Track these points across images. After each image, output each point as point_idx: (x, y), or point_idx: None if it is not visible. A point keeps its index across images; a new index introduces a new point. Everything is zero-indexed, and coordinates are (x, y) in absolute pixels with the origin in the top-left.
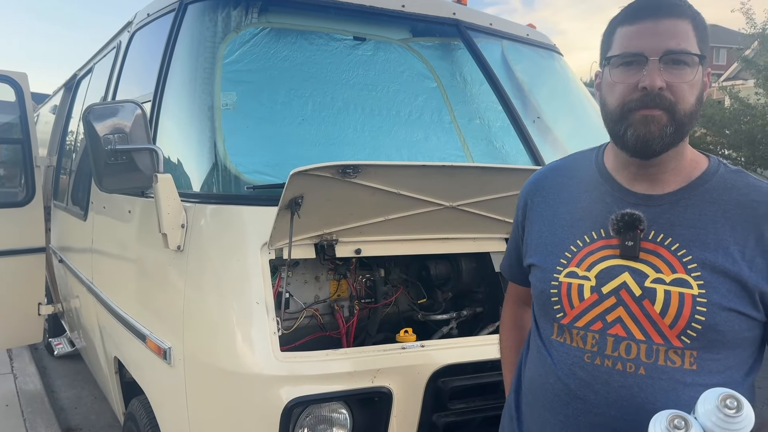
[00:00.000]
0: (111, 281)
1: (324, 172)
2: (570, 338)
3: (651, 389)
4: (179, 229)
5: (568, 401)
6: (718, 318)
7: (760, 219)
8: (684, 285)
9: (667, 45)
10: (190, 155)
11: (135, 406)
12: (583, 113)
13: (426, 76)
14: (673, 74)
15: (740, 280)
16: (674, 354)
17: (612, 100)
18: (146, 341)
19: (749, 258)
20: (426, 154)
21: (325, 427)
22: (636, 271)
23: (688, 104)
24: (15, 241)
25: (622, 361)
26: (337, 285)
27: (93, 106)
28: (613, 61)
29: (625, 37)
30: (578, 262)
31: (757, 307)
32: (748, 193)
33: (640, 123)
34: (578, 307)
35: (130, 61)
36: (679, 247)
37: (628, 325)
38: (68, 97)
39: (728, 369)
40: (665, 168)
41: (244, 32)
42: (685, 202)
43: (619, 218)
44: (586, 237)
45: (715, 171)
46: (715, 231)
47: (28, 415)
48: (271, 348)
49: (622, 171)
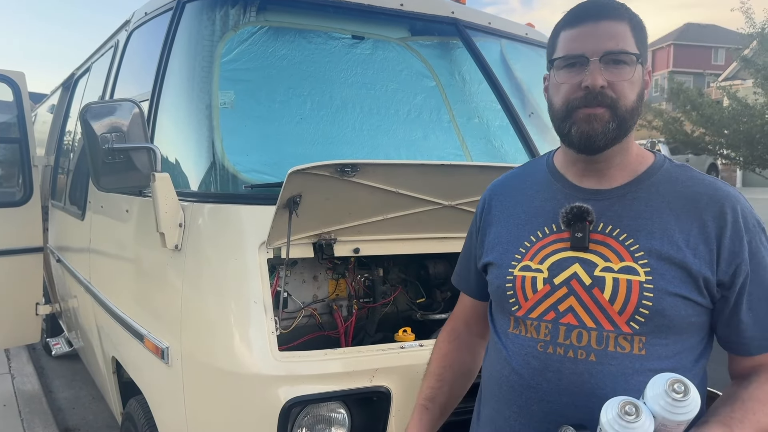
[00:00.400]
0: (109, 281)
1: (322, 170)
2: (525, 329)
3: (601, 375)
4: (177, 228)
5: (521, 391)
6: (664, 303)
7: (702, 209)
8: (632, 272)
9: (607, 46)
10: (188, 154)
11: (133, 407)
12: None
13: (425, 75)
14: (613, 73)
15: (685, 266)
16: (624, 340)
17: (557, 99)
18: (144, 341)
19: (693, 246)
20: (425, 153)
21: (323, 426)
22: (586, 261)
23: (629, 101)
24: (12, 240)
25: (573, 348)
26: (335, 284)
27: (90, 104)
28: (557, 63)
29: (568, 40)
30: (532, 256)
31: (702, 292)
32: (691, 185)
33: (583, 121)
34: (532, 299)
35: (128, 60)
36: (626, 237)
37: (580, 313)
38: (66, 96)
39: (677, 354)
40: (611, 163)
41: (242, 31)
42: (632, 195)
43: (568, 211)
44: (539, 232)
45: (660, 166)
46: (660, 221)
47: (25, 415)
48: (270, 348)
49: (571, 168)
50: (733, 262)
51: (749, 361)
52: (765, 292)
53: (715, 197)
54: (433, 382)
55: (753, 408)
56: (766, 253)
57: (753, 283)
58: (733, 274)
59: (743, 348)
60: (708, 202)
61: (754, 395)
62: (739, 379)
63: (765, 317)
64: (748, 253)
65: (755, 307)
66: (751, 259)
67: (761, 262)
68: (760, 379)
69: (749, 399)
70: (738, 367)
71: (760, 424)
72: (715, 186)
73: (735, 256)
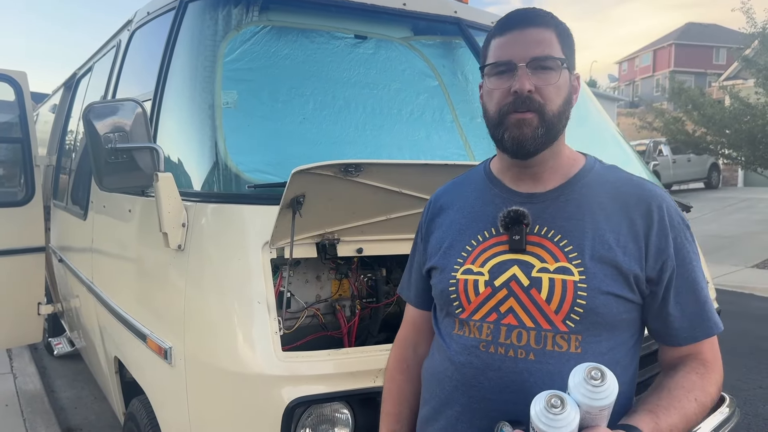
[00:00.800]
0: (111, 281)
1: (326, 170)
2: (468, 330)
3: (540, 373)
4: (180, 228)
5: (464, 390)
6: (597, 301)
7: (631, 208)
8: (566, 272)
9: (533, 52)
10: (191, 154)
11: (135, 406)
12: (584, 111)
13: (427, 75)
14: (540, 78)
15: (616, 265)
16: (561, 339)
17: (491, 106)
18: (147, 341)
19: (623, 244)
20: (428, 152)
21: (327, 427)
22: (524, 263)
23: (556, 105)
24: (15, 240)
25: (513, 348)
26: (338, 284)
27: (93, 104)
28: (488, 71)
29: (497, 48)
30: (473, 260)
31: (632, 289)
32: (620, 186)
33: (514, 126)
34: (475, 302)
35: (130, 60)
36: (560, 238)
37: (519, 314)
38: (68, 96)
39: (611, 350)
40: (544, 167)
41: (244, 30)
42: (565, 197)
43: (506, 215)
44: (479, 236)
45: (591, 168)
46: (592, 221)
47: (27, 415)
48: (273, 348)
49: (507, 173)
50: (660, 258)
51: (677, 351)
52: (690, 285)
53: (642, 197)
54: (394, 425)
55: (678, 396)
56: (690, 248)
57: (679, 278)
58: (660, 270)
59: (672, 339)
60: (636, 201)
61: (679, 383)
62: (667, 369)
63: (691, 310)
64: (674, 249)
65: (681, 300)
66: (677, 254)
67: (686, 258)
68: (686, 368)
69: (675, 387)
70: (667, 357)
71: (684, 410)
72: (643, 186)
73: (661, 252)
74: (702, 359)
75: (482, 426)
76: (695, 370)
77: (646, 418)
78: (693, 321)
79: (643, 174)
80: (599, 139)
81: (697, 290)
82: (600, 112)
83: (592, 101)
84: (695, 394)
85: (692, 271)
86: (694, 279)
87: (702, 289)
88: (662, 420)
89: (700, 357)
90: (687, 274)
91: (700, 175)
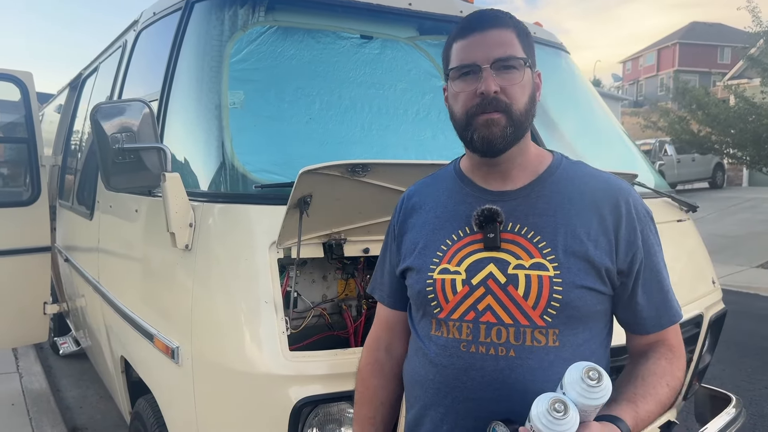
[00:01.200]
0: (118, 281)
1: (333, 170)
2: (447, 331)
3: (521, 369)
4: (187, 228)
5: (447, 392)
6: (572, 295)
7: (600, 203)
8: (541, 268)
9: (496, 53)
10: (198, 154)
11: (142, 406)
12: (590, 111)
13: (433, 75)
14: (504, 78)
15: (588, 258)
16: (539, 334)
17: (457, 108)
18: (154, 341)
19: (594, 238)
20: (434, 152)
21: (333, 426)
22: (499, 260)
23: (522, 104)
24: (20, 240)
25: (494, 346)
26: (344, 284)
27: (101, 104)
28: (452, 74)
29: (460, 51)
30: (449, 259)
31: (604, 282)
32: (588, 181)
33: (483, 126)
34: (452, 301)
35: (136, 61)
36: (534, 234)
37: (497, 311)
38: (73, 96)
39: (586, 342)
40: (512, 164)
41: (251, 31)
42: (536, 194)
43: (480, 214)
44: (453, 236)
45: (558, 164)
46: (563, 217)
47: (33, 414)
48: (280, 347)
49: (477, 172)
50: (630, 251)
51: (645, 339)
52: (655, 275)
53: (609, 191)
54: (369, 429)
55: (652, 383)
56: (654, 240)
57: (646, 269)
58: (630, 262)
59: (640, 327)
60: (603, 196)
61: (651, 370)
62: (637, 356)
63: (656, 299)
64: (641, 241)
65: (648, 290)
66: (644, 246)
67: (651, 249)
68: (655, 355)
69: (648, 374)
70: (636, 345)
71: (659, 396)
72: (609, 181)
73: (631, 245)
74: (669, 345)
75: (468, 426)
76: (664, 356)
77: (627, 407)
78: (659, 309)
79: (649, 174)
80: (605, 138)
81: (661, 280)
82: (605, 111)
83: (597, 100)
84: (666, 379)
85: (657, 262)
86: (658, 270)
87: (665, 279)
88: (641, 408)
89: (667, 343)
90: (652, 265)
91: (704, 174)
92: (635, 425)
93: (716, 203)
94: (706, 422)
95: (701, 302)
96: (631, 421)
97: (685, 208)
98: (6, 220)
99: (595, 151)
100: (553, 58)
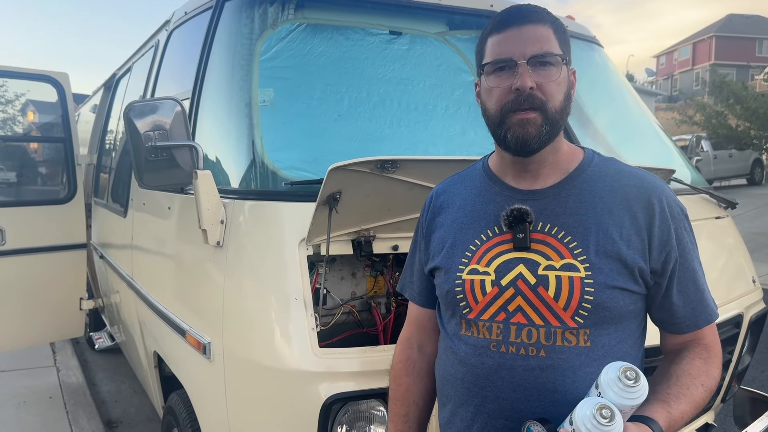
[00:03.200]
0: (151, 277)
1: (362, 167)
2: (477, 331)
3: (551, 369)
4: (218, 225)
5: (477, 391)
6: (604, 296)
7: (632, 201)
8: (572, 269)
9: (533, 49)
10: (229, 152)
11: (174, 401)
12: (625, 106)
13: (463, 70)
14: (540, 75)
15: (620, 258)
16: (570, 334)
17: (491, 104)
18: (186, 336)
19: (626, 237)
20: (464, 148)
21: (363, 424)
22: (529, 261)
23: (557, 101)
24: (57, 237)
25: (524, 346)
26: (373, 281)
27: (134, 103)
28: (487, 69)
29: (495, 45)
30: (478, 259)
31: (637, 281)
32: (619, 178)
33: (517, 125)
34: (482, 302)
35: (168, 60)
36: (564, 234)
37: (528, 312)
38: (108, 96)
39: (619, 343)
40: (544, 163)
41: (280, 28)
42: (566, 193)
43: (509, 214)
44: (482, 236)
45: (590, 161)
46: (594, 216)
47: (70, 407)
48: (310, 344)
49: (507, 171)
50: (664, 250)
51: (680, 338)
52: (691, 275)
53: (642, 188)
54: (402, 426)
55: (686, 383)
56: (688, 238)
57: (681, 268)
58: (664, 262)
59: (675, 327)
60: (636, 193)
61: (686, 370)
62: (671, 355)
63: (692, 298)
64: (676, 240)
65: (683, 289)
66: (678, 245)
67: (686, 248)
68: (690, 354)
69: (682, 374)
70: (670, 344)
71: (693, 397)
72: (642, 177)
73: (665, 244)
74: (704, 344)
75: (498, 426)
76: (699, 356)
77: (659, 408)
78: (695, 309)
79: (686, 170)
80: (641, 133)
81: (696, 279)
82: (641, 105)
83: (632, 95)
84: (701, 380)
85: (692, 260)
86: (693, 269)
87: (700, 278)
88: (674, 408)
89: (703, 342)
90: (688, 264)
91: (742, 171)
92: (668, 426)
93: (755, 200)
94: (746, 425)
95: (741, 301)
96: (664, 422)
97: (724, 204)
98: (43, 218)
99: (631, 147)
100: (587, 52)
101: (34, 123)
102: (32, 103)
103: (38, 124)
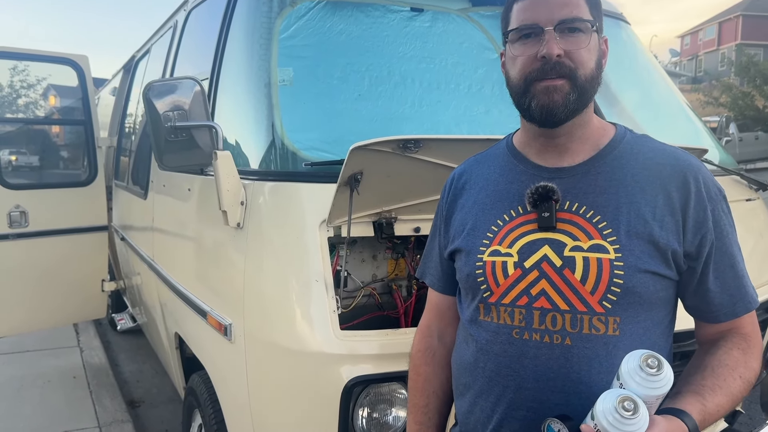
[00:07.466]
0: (172, 258)
1: (384, 146)
2: (497, 316)
3: (577, 359)
4: (238, 206)
5: (498, 380)
6: (635, 280)
7: (666, 180)
8: (601, 250)
9: (561, 14)
10: (248, 132)
11: (195, 381)
12: (653, 84)
13: (486, 47)
14: (569, 41)
15: (653, 240)
16: (598, 321)
17: (515, 73)
18: (207, 318)
19: (659, 218)
20: (487, 128)
21: (384, 407)
22: (555, 242)
23: (588, 69)
24: (79, 219)
25: (549, 333)
26: (394, 264)
27: (153, 83)
28: (512, 36)
29: (521, 11)
30: (500, 240)
31: (669, 265)
32: (653, 156)
33: (542, 93)
34: (504, 284)
35: (187, 40)
36: (593, 214)
37: (552, 296)
38: (127, 78)
39: (647, 331)
40: (572, 137)
41: (299, 6)
42: (596, 170)
43: (534, 191)
44: (505, 216)
45: (621, 138)
46: (626, 195)
47: (93, 387)
48: (331, 326)
49: (532, 146)
50: (699, 232)
51: (716, 328)
52: (729, 260)
53: (678, 167)
54: (421, 417)
55: (723, 374)
56: (727, 221)
57: (718, 252)
58: (699, 245)
59: (711, 316)
60: (671, 172)
61: (722, 361)
62: (707, 345)
63: (730, 285)
64: (712, 222)
65: (721, 275)
66: (715, 227)
67: (723, 230)
68: (727, 345)
69: (718, 365)
70: (706, 334)
71: (730, 389)
72: (677, 156)
73: (700, 226)
74: (743, 333)
75: (519, 416)
76: (737, 346)
77: (693, 399)
78: (733, 296)
79: (716, 150)
80: (669, 112)
81: (734, 264)
82: (669, 84)
83: (660, 73)
84: (739, 371)
85: (730, 244)
86: (732, 253)
87: (739, 263)
88: (709, 401)
89: (741, 331)
90: (725, 248)
91: None
92: (703, 420)
93: None
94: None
95: None
96: (698, 415)
97: (755, 186)
98: (65, 200)
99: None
100: (614, 29)
101: (55, 107)
102: (53, 88)
103: (59, 108)
